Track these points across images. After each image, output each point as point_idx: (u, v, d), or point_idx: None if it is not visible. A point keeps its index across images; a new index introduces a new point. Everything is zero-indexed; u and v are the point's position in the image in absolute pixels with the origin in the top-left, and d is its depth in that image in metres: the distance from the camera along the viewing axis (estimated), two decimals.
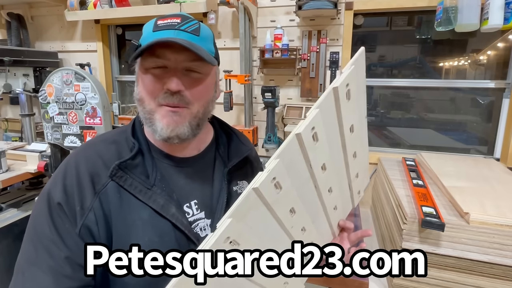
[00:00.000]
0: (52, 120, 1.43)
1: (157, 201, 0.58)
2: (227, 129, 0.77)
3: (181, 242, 0.60)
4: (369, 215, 1.56)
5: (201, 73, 0.61)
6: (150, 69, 0.59)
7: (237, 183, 0.72)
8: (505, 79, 1.49)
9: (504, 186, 1.09)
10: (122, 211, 0.57)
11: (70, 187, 0.56)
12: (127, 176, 0.58)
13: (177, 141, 0.60)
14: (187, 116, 0.60)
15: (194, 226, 0.63)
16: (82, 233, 0.54)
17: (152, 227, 0.57)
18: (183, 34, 0.57)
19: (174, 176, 0.64)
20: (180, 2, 1.64)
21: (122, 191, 0.57)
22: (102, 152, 0.60)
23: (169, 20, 0.58)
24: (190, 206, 0.64)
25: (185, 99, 0.59)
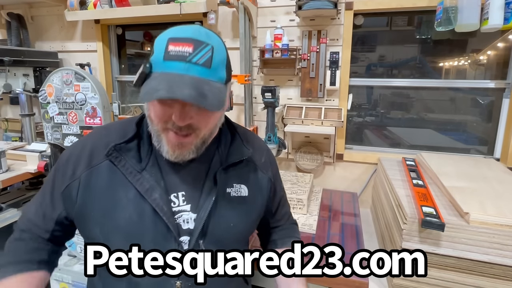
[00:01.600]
0: (52, 120, 1.43)
1: (143, 184, 0.63)
2: (232, 129, 0.76)
3: (159, 228, 0.63)
4: (369, 215, 1.56)
5: None
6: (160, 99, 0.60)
7: (233, 185, 0.71)
8: (505, 79, 1.49)
9: (504, 186, 1.09)
10: (111, 188, 0.64)
11: (73, 155, 0.67)
12: (121, 158, 0.64)
13: (182, 162, 0.65)
14: (194, 141, 0.63)
15: (177, 217, 0.65)
16: (65, 193, 0.65)
17: (134, 206, 0.63)
18: (193, 69, 0.56)
19: (168, 165, 0.67)
20: (180, 2, 1.64)
21: (116, 170, 0.64)
22: (110, 133, 0.68)
23: (181, 48, 0.56)
24: (177, 196, 0.67)
25: (193, 127, 0.61)
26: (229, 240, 0.69)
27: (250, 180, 0.74)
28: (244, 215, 0.72)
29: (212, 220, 0.66)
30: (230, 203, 0.69)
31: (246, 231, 0.76)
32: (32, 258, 0.66)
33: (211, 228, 0.66)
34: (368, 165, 1.68)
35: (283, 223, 0.88)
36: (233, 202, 0.70)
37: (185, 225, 0.65)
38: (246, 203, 0.72)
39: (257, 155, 0.78)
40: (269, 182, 0.78)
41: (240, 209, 0.71)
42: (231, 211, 0.69)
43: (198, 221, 0.65)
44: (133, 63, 2.23)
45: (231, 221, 0.69)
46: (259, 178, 0.76)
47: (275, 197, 0.83)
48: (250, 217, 0.74)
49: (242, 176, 0.73)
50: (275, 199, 0.83)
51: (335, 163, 1.73)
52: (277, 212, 0.85)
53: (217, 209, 0.67)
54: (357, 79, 1.69)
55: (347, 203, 1.50)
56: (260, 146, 0.82)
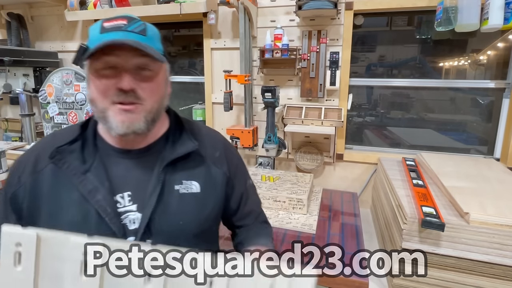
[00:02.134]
0: (52, 120, 1.43)
1: (86, 186, 0.63)
2: (181, 125, 0.75)
3: (103, 230, 0.62)
4: (369, 215, 1.56)
5: (152, 70, 0.63)
6: (100, 70, 0.60)
7: (182, 182, 0.68)
8: (505, 79, 1.49)
9: (504, 186, 1.09)
10: (55, 191, 0.64)
11: (20, 163, 0.68)
12: (64, 160, 0.64)
13: (133, 136, 0.64)
14: (142, 112, 0.63)
15: (123, 217, 0.64)
16: (12, 200, 0.65)
17: (77, 208, 0.62)
18: (131, 35, 0.60)
19: (114, 166, 0.67)
20: (180, 2, 1.64)
21: (59, 172, 0.64)
22: (56, 138, 0.69)
23: (115, 22, 0.60)
24: (123, 196, 0.66)
25: (138, 96, 0.61)
26: (179, 238, 0.66)
27: (202, 175, 0.71)
28: (194, 212, 0.69)
29: (158, 218, 0.65)
30: (178, 200, 0.67)
31: (200, 229, 0.71)
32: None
33: (158, 226, 0.65)
34: (368, 165, 1.68)
35: (249, 222, 0.83)
36: (182, 199, 0.68)
37: (132, 226, 0.64)
38: (197, 200, 0.70)
39: (209, 150, 0.75)
40: (224, 177, 0.75)
41: (191, 207, 0.69)
42: (180, 208, 0.67)
43: (143, 220, 0.64)
44: None
45: (180, 219, 0.67)
46: (213, 174, 0.73)
47: (233, 193, 0.79)
48: (202, 215, 0.71)
49: (192, 172, 0.70)
50: (234, 195, 0.79)
51: (335, 163, 1.73)
52: (239, 209, 0.81)
53: (164, 206, 0.66)
54: (357, 79, 1.69)
55: (347, 203, 1.50)
56: (214, 141, 0.79)
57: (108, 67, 0.60)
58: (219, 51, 1.84)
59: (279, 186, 1.40)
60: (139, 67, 0.62)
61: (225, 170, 0.75)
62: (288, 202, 1.31)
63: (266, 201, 1.34)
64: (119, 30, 0.59)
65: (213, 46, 1.84)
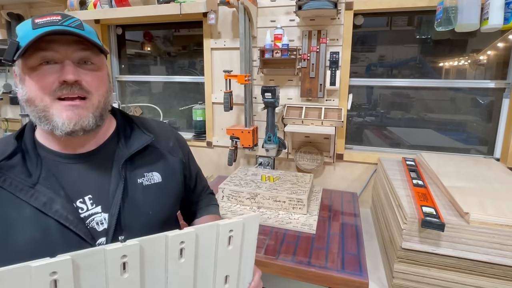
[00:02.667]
0: None
1: (39, 199, 0.58)
2: (130, 121, 0.75)
3: (69, 239, 0.58)
4: (369, 215, 1.56)
5: (95, 63, 0.62)
6: (36, 67, 0.57)
7: (144, 175, 0.69)
8: (505, 79, 1.49)
9: (504, 186, 1.09)
10: (2, 211, 0.56)
11: None
12: (6, 176, 0.57)
13: (82, 133, 0.61)
14: (90, 108, 0.61)
15: (89, 221, 0.62)
16: None
17: (34, 224, 0.57)
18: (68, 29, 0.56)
19: (66, 173, 0.63)
20: (180, 2, 1.64)
21: (2, 191, 0.57)
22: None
23: (48, 18, 0.57)
24: (83, 201, 0.63)
25: (85, 88, 0.59)
26: (151, 228, 0.65)
27: (161, 165, 0.73)
28: (161, 201, 0.71)
29: (128, 213, 0.64)
30: (144, 192, 0.68)
31: (167, 216, 0.74)
32: None
33: (128, 221, 0.64)
34: (368, 165, 1.68)
35: (203, 196, 0.94)
36: (147, 191, 0.68)
37: (100, 227, 0.62)
38: (161, 189, 0.71)
39: (163, 141, 0.77)
40: (181, 164, 0.78)
41: (157, 196, 0.70)
42: (146, 199, 0.68)
43: (111, 219, 0.62)
44: (133, 63, 2.23)
45: (149, 209, 0.68)
46: (170, 162, 0.75)
47: (191, 175, 0.86)
48: (168, 202, 0.73)
49: (151, 163, 0.72)
50: (192, 177, 0.87)
51: (335, 163, 1.73)
52: (196, 188, 0.90)
53: (131, 201, 0.65)
54: (357, 79, 1.70)
55: (347, 203, 1.50)
56: (165, 132, 0.80)
57: (45, 62, 0.56)
58: (219, 51, 1.84)
59: (279, 186, 1.40)
60: (81, 60, 0.59)
61: (181, 157, 0.79)
62: (288, 202, 1.31)
63: (266, 201, 1.34)
64: (54, 25, 0.55)
65: (213, 46, 1.84)
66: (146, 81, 2.18)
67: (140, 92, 2.25)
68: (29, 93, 0.58)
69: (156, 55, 2.17)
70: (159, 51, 2.16)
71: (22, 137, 0.65)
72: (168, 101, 2.17)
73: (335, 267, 0.99)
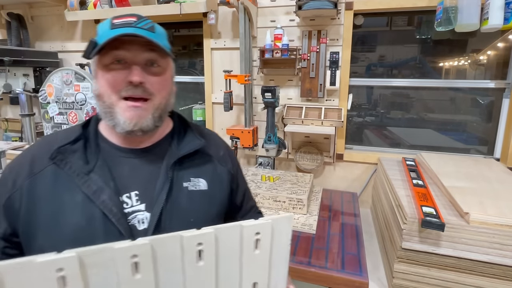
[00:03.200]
0: (52, 120, 1.43)
1: (91, 186, 0.60)
2: (185, 125, 0.75)
3: (110, 232, 0.59)
4: (369, 215, 1.56)
5: (161, 66, 0.64)
6: (109, 65, 0.61)
7: (190, 179, 0.68)
8: (505, 79, 1.49)
9: (504, 186, 1.09)
10: (56, 193, 0.60)
11: (14, 167, 0.65)
12: (66, 160, 0.61)
13: (140, 133, 0.63)
14: (150, 109, 0.63)
15: (131, 218, 0.62)
16: (6, 206, 0.61)
17: (81, 211, 0.59)
18: (140, 31, 0.59)
19: (118, 165, 0.65)
20: (180, 2, 1.64)
21: (61, 173, 0.61)
22: (53, 140, 0.66)
23: (125, 19, 0.61)
24: (130, 196, 0.63)
25: (148, 90, 0.61)
26: None
27: (209, 173, 0.72)
28: (204, 209, 0.69)
29: (169, 216, 0.63)
30: (188, 197, 0.67)
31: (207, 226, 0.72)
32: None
33: (169, 225, 0.63)
34: (368, 165, 1.68)
35: (251, 215, 0.86)
36: (191, 196, 0.67)
37: (141, 226, 0.62)
38: (205, 197, 0.69)
39: (214, 148, 0.76)
40: (229, 175, 0.76)
41: (200, 204, 0.68)
42: (190, 205, 0.66)
43: (152, 219, 0.62)
44: None
45: (191, 216, 0.66)
46: (218, 171, 0.74)
47: (238, 190, 0.81)
48: (210, 212, 0.71)
49: (199, 169, 0.71)
50: (239, 192, 0.81)
51: (335, 163, 1.73)
52: (242, 206, 0.84)
53: (173, 204, 0.64)
54: (357, 79, 1.70)
55: (347, 203, 1.50)
56: (217, 141, 0.81)
57: (117, 61, 0.60)
58: (219, 51, 1.84)
59: (279, 186, 1.40)
60: (148, 62, 0.62)
61: (229, 168, 0.77)
62: (288, 202, 1.31)
63: (266, 201, 1.34)
64: (129, 26, 0.59)
65: (213, 46, 1.84)
66: None
67: None
68: (100, 89, 0.62)
69: None
70: None
71: (88, 126, 0.69)
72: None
73: (335, 267, 0.99)
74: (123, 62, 0.61)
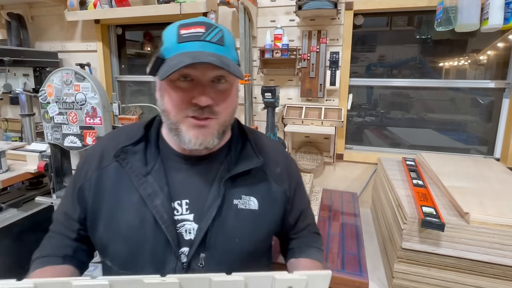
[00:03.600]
0: (52, 120, 1.42)
1: (146, 189, 0.61)
2: (244, 135, 0.72)
3: (158, 237, 0.60)
4: (369, 215, 1.56)
5: (228, 81, 0.62)
6: (175, 81, 0.59)
7: (241, 197, 0.65)
8: (505, 79, 1.49)
9: (504, 186, 1.09)
10: (117, 190, 0.63)
11: (88, 157, 0.69)
12: (128, 160, 0.64)
13: (205, 151, 0.64)
14: (215, 126, 0.61)
15: (179, 226, 0.62)
16: (79, 193, 0.66)
17: (136, 211, 0.61)
18: (209, 47, 0.58)
19: (174, 171, 0.66)
20: (180, 2, 1.64)
21: (122, 172, 0.64)
22: (120, 136, 0.69)
23: (193, 30, 0.58)
24: (180, 204, 0.63)
25: (214, 111, 0.60)
26: (233, 257, 0.64)
27: (262, 192, 0.68)
28: (252, 230, 0.66)
29: (215, 232, 0.62)
30: (236, 215, 0.64)
31: (256, 248, 0.68)
32: (57, 253, 0.67)
33: (213, 240, 0.62)
34: (368, 165, 1.68)
35: (305, 234, 0.80)
36: (240, 215, 0.65)
37: (187, 236, 0.62)
38: (255, 217, 0.66)
39: (271, 165, 0.71)
40: (283, 195, 0.71)
41: (248, 223, 0.65)
42: (237, 224, 0.64)
43: (199, 232, 0.61)
44: (133, 63, 2.23)
45: (236, 236, 0.64)
46: (273, 191, 0.70)
47: (292, 211, 0.75)
48: (258, 233, 0.67)
49: (252, 187, 0.67)
50: (293, 212, 0.76)
51: (335, 163, 1.73)
52: (296, 225, 0.78)
53: (221, 221, 0.63)
54: (357, 79, 1.70)
55: (347, 203, 1.50)
56: (277, 155, 0.75)
57: (183, 77, 0.58)
58: None
59: None
60: (215, 78, 0.60)
61: (285, 188, 0.72)
62: None
63: None
64: (197, 39, 0.57)
65: None
66: (146, 81, 2.18)
67: (140, 92, 2.25)
68: (165, 105, 0.61)
69: None
70: None
71: (150, 127, 0.70)
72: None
73: (335, 267, 0.99)
74: (189, 79, 0.59)
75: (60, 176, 1.56)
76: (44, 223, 0.76)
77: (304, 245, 0.78)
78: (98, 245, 0.66)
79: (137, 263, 0.61)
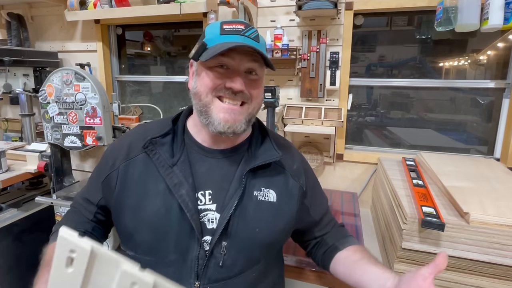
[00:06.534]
0: (52, 120, 1.43)
1: (172, 179, 0.65)
2: (264, 132, 0.77)
3: (183, 224, 0.63)
4: (369, 215, 1.56)
5: (258, 75, 0.67)
6: (213, 67, 0.64)
7: (261, 189, 0.69)
8: (505, 79, 1.49)
9: (504, 186, 1.09)
10: (144, 179, 0.66)
11: (115, 147, 0.73)
12: (156, 151, 0.67)
13: (232, 135, 0.66)
14: (245, 113, 0.66)
15: (202, 215, 0.66)
16: (105, 182, 0.70)
17: (162, 199, 0.64)
18: (248, 40, 0.63)
19: (199, 163, 0.69)
20: (180, 2, 1.64)
21: (150, 162, 0.67)
22: (148, 129, 0.73)
23: (234, 26, 0.64)
24: (204, 194, 0.67)
25: (246, 96, 0.65)
26: (253, 246, 0.67)
27: (280, 185, 0.72)
28: (270, 221, 0.69)
29: (236, 221, 0.65)
30: (256, 206, 0.68)
31: (272, 239, 0.71)
32: (76, 228, 0.70)
33: (235, 229, 0.65)
34: (368, 165, 1.68)
35: (329, 229, 0.84)
36: (259, 206, 0.68)
37: (210, 225, 0.65)
38: (273, 209, 0.69)
39: (289, 161, 0.75)
40: (300, 190, 0.75)
41: (267, 215, 0.68)
42: (257, 215, 0.67)
43: (221, 221, 0.64)
44: (133, 63, 2.23)
45: (256, 226, 0.67)
46: (290, 186, 0.73)
47: (316, 206, 0.80)
48: (276, 225, 0.70)
49: (271, 180, 0.71)
50: (317, 208, 0.80)
51: (335, 163, 1.73)
52: (322, 220, 0.83)
53: (242, 211, 0.66)
54: (357, 79, 1.70)
55: (347, 203, 1.50)
56: (293, 153, 0.80)
57: (221, 66, 0.63)
58: None
59: None
60: (248, 70, 0.65)
61: (302, 183, 0.76)
62: None
63: None
64: (238, 33, 0.63)
65: None
66: (146, 81, 2.18)
67: (140, 92, 2.25)
68: (198, 87, 0.66)
69: (156, 55, 2.17)
70: (159, 51, 2.16)
71: (177, 121, 0.74)
72: (168, 101, 2.17)
73: None
74: (225, 68, 0.64)
75: (60, 176, 1.56)
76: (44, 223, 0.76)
77: (341, 237, 0.81)
78: (123, 233, 0.69)
79: (161, 250, 0.64)
